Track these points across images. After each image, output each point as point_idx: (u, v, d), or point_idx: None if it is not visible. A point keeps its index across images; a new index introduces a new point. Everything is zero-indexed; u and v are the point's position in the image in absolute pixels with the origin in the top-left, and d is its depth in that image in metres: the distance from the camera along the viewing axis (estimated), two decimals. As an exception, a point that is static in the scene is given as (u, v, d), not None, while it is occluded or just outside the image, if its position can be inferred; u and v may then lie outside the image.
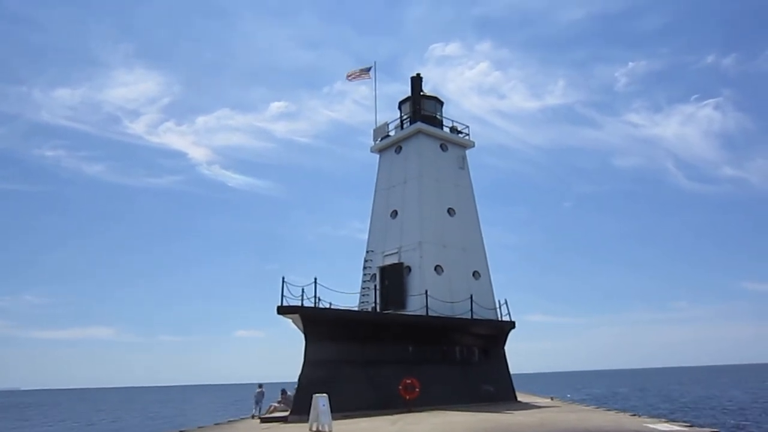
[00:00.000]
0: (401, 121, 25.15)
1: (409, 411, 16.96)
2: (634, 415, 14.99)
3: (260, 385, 20.93)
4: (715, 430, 10.25)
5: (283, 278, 17.31)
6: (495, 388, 21.23)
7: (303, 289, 17.82)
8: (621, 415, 14.91)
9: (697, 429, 10.48)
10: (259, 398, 20.65)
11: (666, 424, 11.41)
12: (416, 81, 25.04)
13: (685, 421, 12.14)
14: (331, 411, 13.20)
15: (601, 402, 34.82)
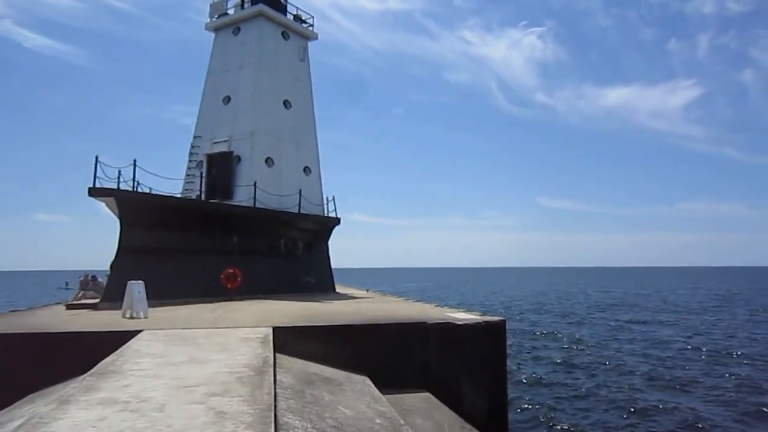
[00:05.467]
0: (242, 0, 23.28)
1: (230, 300, 17.07)
2: (438, 305, 16.67)
3: (86, 274, 19.98)
4: (503, 318, 11.80)
5: (97, 157, 15.83)
6: (316, 280, 22.12)
7: (120, 171, 16.55)
8: (427, 305, 16.48)
9: (489, 317, 12.00)
10: (84, 285, 19.64)
11: (464, 314, 12.87)
12: (261, -43, 23.05)
13: (479, 311, 13.81)
14: (148, 299, 12.77)
15: (412, 295, 38.24)
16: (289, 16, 23.68)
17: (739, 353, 24.07)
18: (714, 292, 77.09)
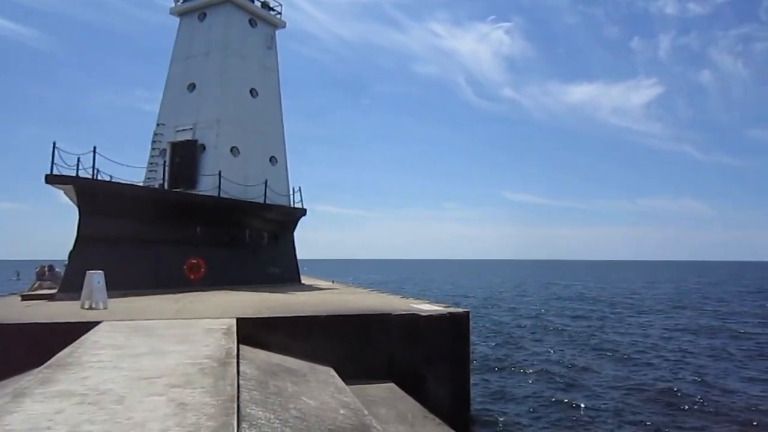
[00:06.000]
0: (208, -15, 22.80)
1: (194, 290, 16.84)
2: (403, 297, 16.78)
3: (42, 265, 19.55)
4: (467, 309, 11.96)
5: (54, 143, 15.44)
6: (281, 271, 21.98)
7: (79, 158, 16.13)
8: (392, 297, 16.58)
9: (453, 308, 12.15)
10: (41, 276, 19.21)
11: (428, 305, 13.01)
12: (227, -59, 22.60)
13: (444, 303, 13.97)
14: (107, 289, 12.50)
15: (377, 286, 38.38)
16: (257, 3, 23.32)
17: (671, 350, 24.94)
18: (665, 287, 79.56)
